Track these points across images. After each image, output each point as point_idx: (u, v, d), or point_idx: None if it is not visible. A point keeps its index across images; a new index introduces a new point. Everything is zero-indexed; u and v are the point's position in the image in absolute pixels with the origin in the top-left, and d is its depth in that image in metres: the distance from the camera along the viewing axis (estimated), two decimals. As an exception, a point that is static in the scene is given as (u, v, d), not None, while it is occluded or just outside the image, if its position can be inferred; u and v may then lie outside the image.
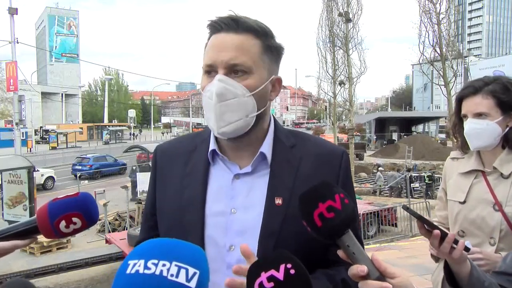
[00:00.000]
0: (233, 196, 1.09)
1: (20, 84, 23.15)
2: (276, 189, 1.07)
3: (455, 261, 1.11)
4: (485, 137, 1.66)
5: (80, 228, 1.00)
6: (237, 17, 1.05)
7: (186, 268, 0.64)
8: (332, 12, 20.53)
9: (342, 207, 0.83)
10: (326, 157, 1.14)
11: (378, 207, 12.20)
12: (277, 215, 1.05)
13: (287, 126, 31.75)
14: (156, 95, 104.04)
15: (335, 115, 21.68)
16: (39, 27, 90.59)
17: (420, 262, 5.38)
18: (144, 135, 64.34)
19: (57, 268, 8.89)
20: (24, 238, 1.03)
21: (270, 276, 0.76)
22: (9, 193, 12.18)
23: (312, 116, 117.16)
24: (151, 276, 0.62)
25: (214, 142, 1.13)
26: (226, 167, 1.12)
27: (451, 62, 18.19)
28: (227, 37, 1.04)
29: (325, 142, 1.23)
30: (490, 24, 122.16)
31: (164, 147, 1.25)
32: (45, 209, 0.98)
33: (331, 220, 0.82)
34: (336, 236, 0.84)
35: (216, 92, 1.02)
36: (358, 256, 0.84)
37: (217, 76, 1.03)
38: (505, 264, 1.19)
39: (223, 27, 1.04)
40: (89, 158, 26.72)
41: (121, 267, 0.65)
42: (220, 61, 1.03)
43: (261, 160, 1.11)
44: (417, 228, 1.21)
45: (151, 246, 0.68)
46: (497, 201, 1.63)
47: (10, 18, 19.48)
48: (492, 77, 1.72)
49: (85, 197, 1.01)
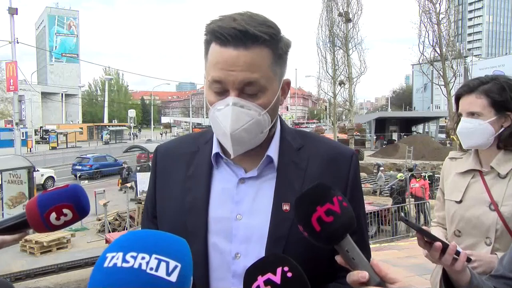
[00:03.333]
0: (238, 201, 1.04)
1: (20, 84, 23.13)
2: (284, 194, 1.02)
3: (455, 272, 1.08)
4: (476, 136, 1.66)
5: (71, 220, 0.98)
6: (246, 29, 0.93)
7: (166, 261, 0.61)
8: (332, 12, 20.55)
9: (341, 211, 0.80)
10: (335, 159, 1.09)
11: (378, 207, 12.19)
12: (285, 222, 1.00)
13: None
14: (156, 95, 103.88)
15: (335, 115, 21.68)
16: (39, 27, 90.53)
17: (420, 262, 5.37)
18: (144, 135, 64.29)
19: (57, 268, 8.89)
20: (14, 233, 1.01)
21: (267, 279, 0.75)
22: (9, 193, 12.18)
23: (312, 116, 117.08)
24: (129, 269, 0.59)
25: (218, 145, 1.08)
26: (230, 171, 1.07)
27: (451, 62, 18.20)
28: (236, 53, 0.94)
29: (334, 143, 1.18)
30: (490, 24, 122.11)
31: (165, 147, 1.20)
32: (35, 201, 0.96)
33: (331, 225, 0.79)
34: (335, 241, 0.81)
35: (232, 119, 0.96)
36: (357, 262, 0.81)
37: (230, 99, 0.96)
38: (502, 267, 1.16)
39: (230, 41, 0.94)
40: (89, 158, 26.74)
41: (99, 260, 0.63)
42: (231, 81, 0.95)
43: (267, 163, 1.06)
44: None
45: (130, 238, 0.65)
46: (493, 200, 1.62)
47: (10, 18, 19.47)
48: (490, 77, 1.71)
49: (75, 188, 0.99)
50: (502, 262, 1.17)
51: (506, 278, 1.13)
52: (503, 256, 1.20)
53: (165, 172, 1.14)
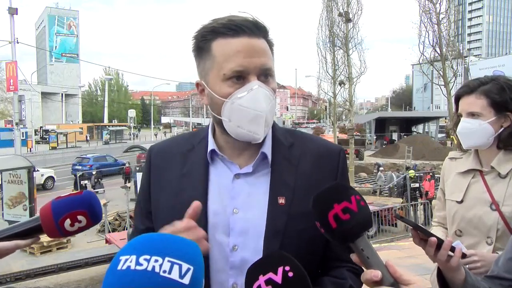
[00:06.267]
0: (234, 196, 1.08)
1: (20, 84, 23.12)
2: (278, 188, 1.07)
3: (450, 269, 1.08)
4: (476, 136, 1.67)
5: (85, 226, 0.99)
6: (256, 20, 1.04)
7: (179, 264, 0.62)
8: (332, 12, 20.53)
9: (358, 209, 0.80)
10: (324, 155, 1.14)
11: (378, 207, 12.20)
12: (281, 215, 1.04)
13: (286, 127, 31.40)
14: (156, 95, 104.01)
15: (335, 115, 21.68)
16: (39, 27, 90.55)
17: (420, 262, 5.37)
18: (144, 135, 64.31)
19: (57, 268, 8.88)
20: (26, 238, 1.02)
21: (268, 279, 0.75)
22: (9, 193, 12.17)
23: (312, 116, 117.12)
24: (143, 272, 0.60)
25: (213, 142, 1.12)
26: (226, 167, 1.11)
27: (451, 62, 18.19)
28: (254, 41, 1.02)
29: (322, 140, 1.22)
30: (490, 24, 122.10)
31: (158, 147, 1.23)
32: (49, 208, 0.97)
33: (347, 222, 0.79)
34: (350, 239, 0.81)
35: (264, 97, 1.01)
36: (372, 261, 0.81)
37: (255, 82, 1.01)
38: (497, 267, 1.16)
39: (245, 30, 1.01)
40: (89, 158, 26.74)
41: (113, 263, 0.63)
42: (253, 67, 1.01)
43: (261, 160, 1.10)
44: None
45: (143, 241, 0.66)
46: (494, 200, 1.62)
47: (10, 18, 19.45)
48: (490, 77, 1.72)
49: (89, 195, 1.01)
50: (498, 263, 1.17)
51: (502, 278, 1.13)
52: (498, 257, 1.20)
53: (159, 171, 1.17)
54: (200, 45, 1.05)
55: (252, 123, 1.01)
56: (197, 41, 1.06)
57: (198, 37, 1.06)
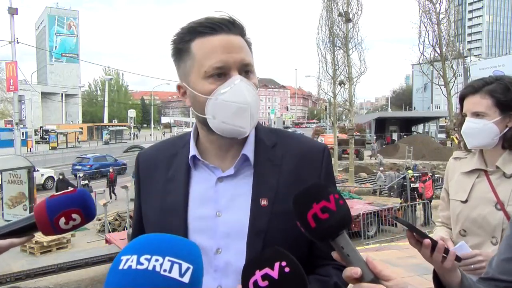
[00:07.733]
0: (217, 199, 1.08)
1: (20, 84, 23.12)
2: (261, 190, 1.07)
3: (445, 271, 1.09)
4: (481, 136, 1.67)
5: (79, 224, 1.00)
6: (233, 18, 1.05)
7: (179, 263, 0.64)
8: (332, 12, 20.57)
9: (336, 208, 0.81)
10: (308, 154, 1.13)
11: (378, 207, 12.21)
12: (264, 216, 1.04)
13: (286, 127, 31.71)
14: (156, 95, 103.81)
15: (335, 115, 21.72)
16: (39, 27, 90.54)
17: (420, 262, 5.37)
18: (144, 135, 64.31)
19: (57, 268, 8.88)
20: (21, 236, 1.02)
21: (265, 274, 0.76)
22: (9, 193, 12.20)
23: (312, 116, 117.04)
24: (144, 271, 0.62)
25: (194, 147, 1.12)
26: (209, 171, 1.11)
27: (451, 62, 18.22)
28: (232, 37, 1.03)
29: (306, 138, 1.21)
30: (490, 24, 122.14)
31: (145, 154, 1.25)
32: (43, 206, 0.98)
33: (325, 221, 0.81)
34: (330, 237, 0.82)
35: (247, 90, 1.01)
36: (352, 258, 0.82)
37: (237, 77, 1.01)
38: (491, 269, 1.15)
39: (223, 28, 1.03)
40: (89, 158, 26.75)
41: (114, 262, 0.65)
42: (232, 62, 1.01)
43: (243, 161, 1.09)
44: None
45: (144, 242, 0.68)
46: (499, 200, 1.63)
47: (10, 18, 19.45)
48: (494, 77, 1.72)
49: (83, 193, 1.02)
50: (491, 265, 1.17)
51: (496, 280, 1.12)
52: (492, 258, 1.19)
53: (146, 177, 1.19)
54: (179, 46, 1.06)
55: (237, 117, 1.01)
56: (175, 44, 1.07)
57: (176, 40, 1.06)
